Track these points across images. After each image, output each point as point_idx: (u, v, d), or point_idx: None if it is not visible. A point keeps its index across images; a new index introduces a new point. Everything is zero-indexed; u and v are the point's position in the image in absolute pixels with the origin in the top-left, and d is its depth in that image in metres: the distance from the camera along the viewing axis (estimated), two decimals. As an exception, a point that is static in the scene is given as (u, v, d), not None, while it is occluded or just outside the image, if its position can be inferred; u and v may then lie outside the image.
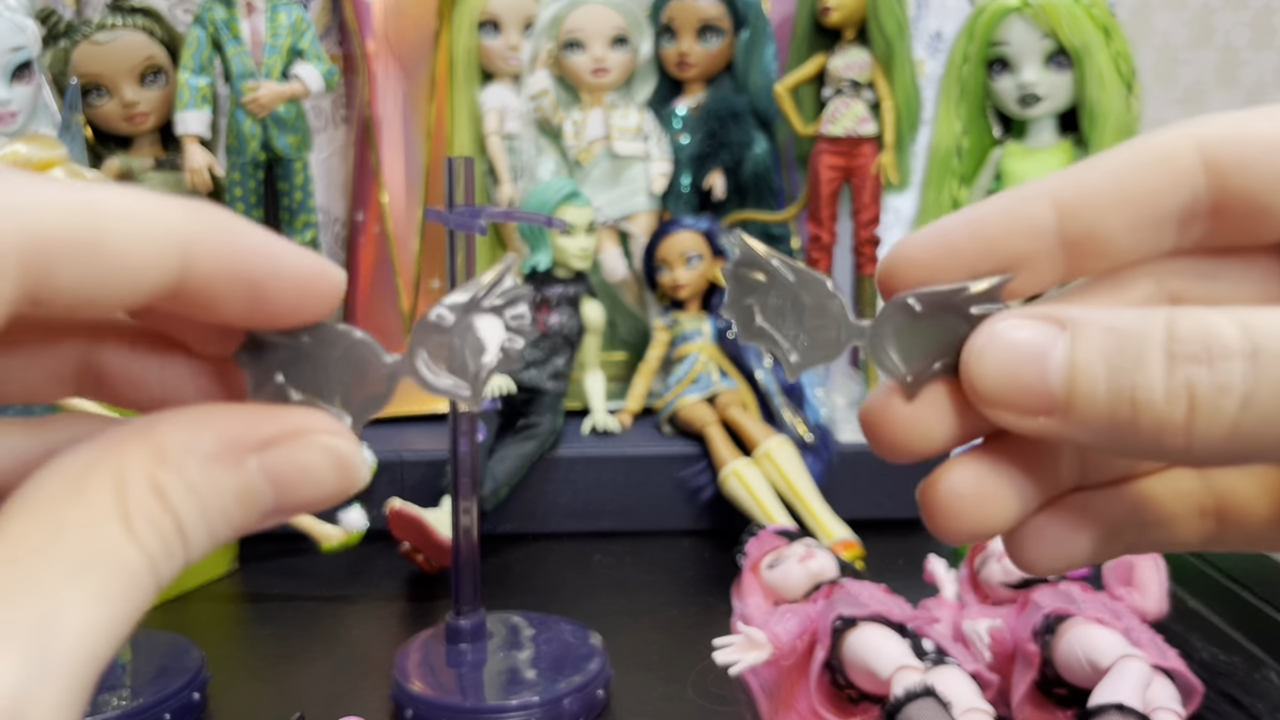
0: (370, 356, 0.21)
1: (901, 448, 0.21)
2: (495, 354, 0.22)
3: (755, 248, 0.22)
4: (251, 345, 0.21)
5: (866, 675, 0.52)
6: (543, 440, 0.85)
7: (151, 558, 0.17)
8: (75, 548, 0.17)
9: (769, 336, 0.22)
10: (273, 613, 0.75)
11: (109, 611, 0.17)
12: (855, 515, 0.81)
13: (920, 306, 0.21)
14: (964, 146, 0.93)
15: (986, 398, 0.20)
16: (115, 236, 0.17)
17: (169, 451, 0.18)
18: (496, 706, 0.57)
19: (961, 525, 0.21)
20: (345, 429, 0.20)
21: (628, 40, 0.98)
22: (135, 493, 0.17)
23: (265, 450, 0.19)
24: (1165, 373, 0.18)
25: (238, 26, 0.87)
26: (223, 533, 0.19)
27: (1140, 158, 0.21)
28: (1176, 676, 0.51)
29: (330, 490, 0.20)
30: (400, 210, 1.02)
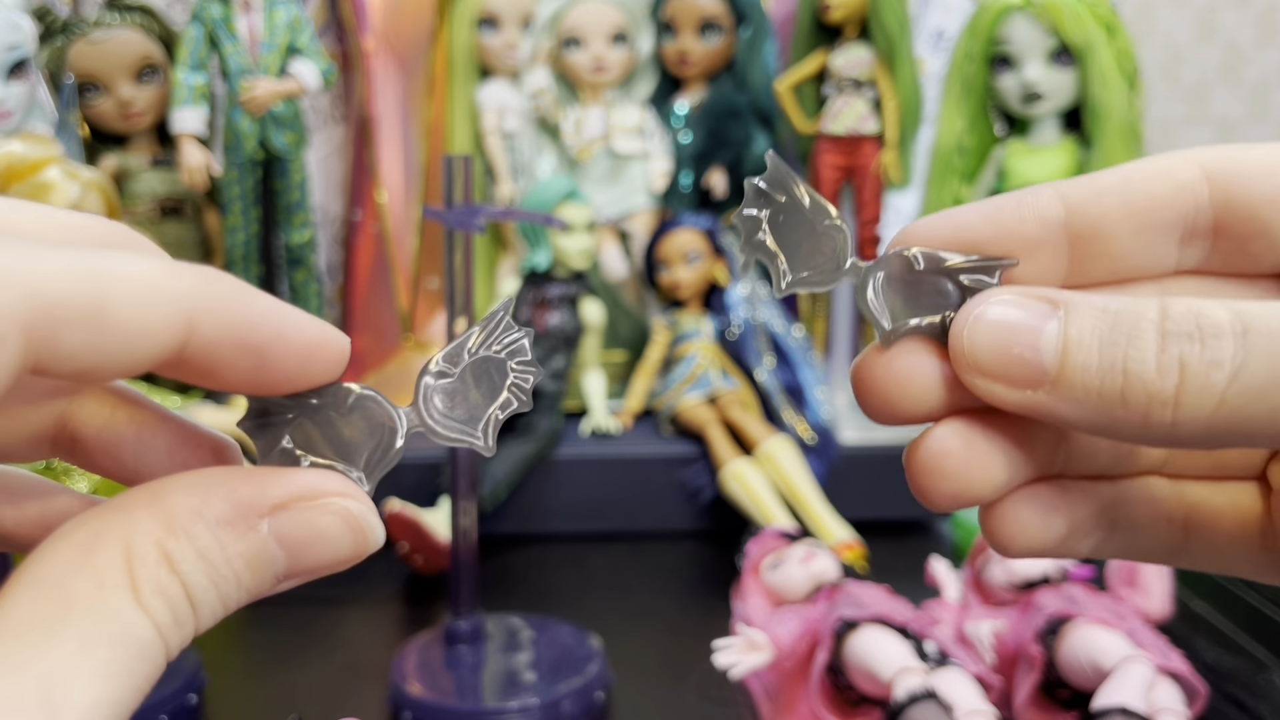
0: (376, 410, 0.21)
1: (887, 407, 0.22)
2: (505, 397, 0.21)
3: (784, 168, 0.22)
4: (255, 412, 0.20)
5: (868, 677, 0.52)
6: (542, 441, 0.85)
7: (161, 629, 0.17)
8: (83, 622, 0.16)
9: (767, 250, 0.22)
10: (270, 615, 0.75)
11: (117, 687, 0.16)
12: (857, 516, 0.81)
13: (921, 263, 0.22)
14: (966, 145, 0.92)
15: (976, 367, 0.20)
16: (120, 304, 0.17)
17: (178, 518, 0.18)
18: (495, 709, 0.57)
19: (946, 485, 0.21)
20: (358, 490, 0.20)
21: (627, 38, 0.98)
22: (144, 563, 0.17)
23: (277, 514, 0.19)
24: (1158, 348, 0.19)
25: (234, 24, 0.87)
26: (234, 599, 0.19)
27: (1147, 168, 0.22)
28: (1180, 679, 0.51)
29: (345, 554, 0.20)
30: (398, 209, 1.01)
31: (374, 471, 0.21)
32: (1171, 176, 0.21)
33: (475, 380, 0.21)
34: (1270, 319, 0.18)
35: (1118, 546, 0.23)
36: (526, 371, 0.22)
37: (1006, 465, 0.21)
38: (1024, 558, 0.23)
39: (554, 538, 0.86)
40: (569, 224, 0.89)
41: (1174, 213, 0.21)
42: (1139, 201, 0.21)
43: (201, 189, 0.90)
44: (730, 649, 0.55)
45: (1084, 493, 0.22)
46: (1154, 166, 0.22)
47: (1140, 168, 0.22)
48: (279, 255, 0.93)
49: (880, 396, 0.22)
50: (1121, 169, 0.22)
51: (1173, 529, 0.23)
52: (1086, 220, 0.21)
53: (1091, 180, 0.22)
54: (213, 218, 0.92)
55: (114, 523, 0.17)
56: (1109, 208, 0.21)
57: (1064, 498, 0.22)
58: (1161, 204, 0.21)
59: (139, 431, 0.21)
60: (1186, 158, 0.22)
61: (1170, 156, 0.22)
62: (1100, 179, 0.22)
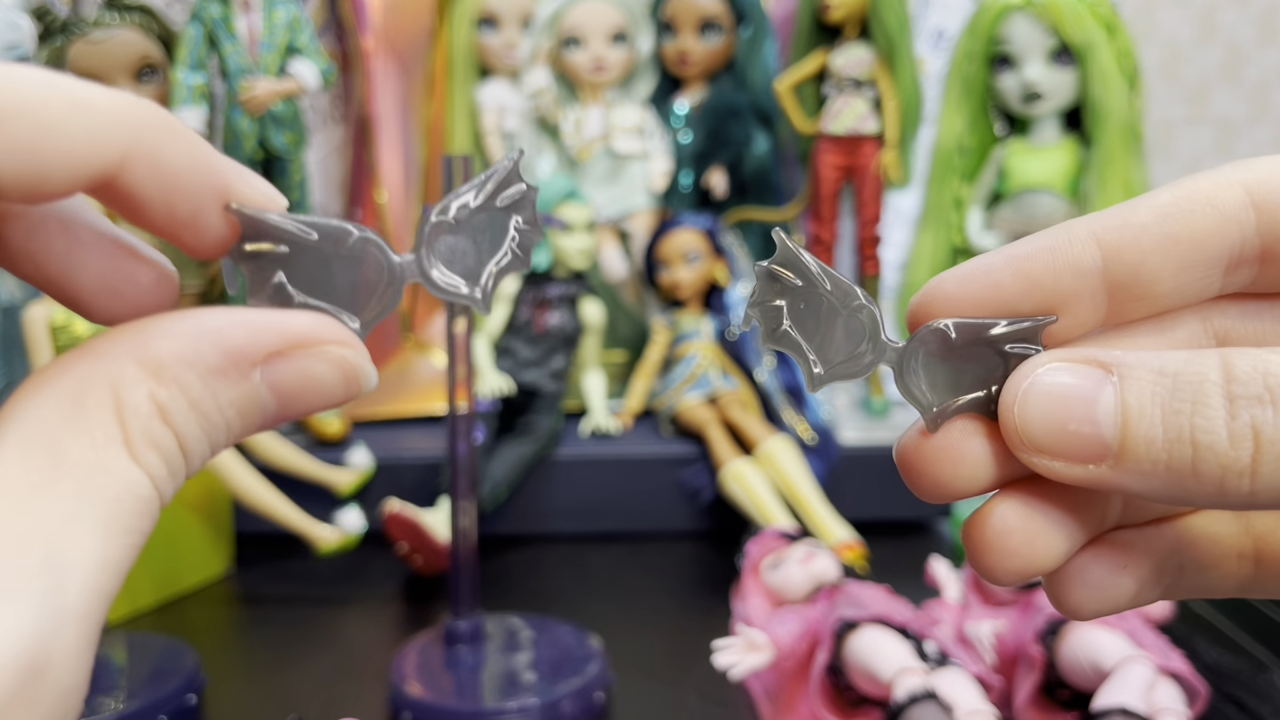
0: (376, 255, 0.20)
1: (939, 489, 0.21)
2: (505, 256, 0.21)
3: (794, 247, 0.21)
4: (248, 239, 0.19)
5: (868, 678, 0.52)
6: (542, 441, 0.85)
7: (156, 482, 0.17)
8: (79, 480, 0.16)
9: (794, 343, 0.21)
10: (269, 615, 0.75)
11: (117, 545, 0.16)
12: (857, 516, 0.81)
13: (956, 335, 0.20)
14: (967, 144, 0.92)
15: (1032, 445, 0.19)
16: (61, 108, 0.16)
17: (168, 366, 0.17)
18: (495, 709, 0.57)
19: (1013, 564, 0.20)
20: (353, 337, 0.19)
21: (627, 37, 0.97)
22: (136, 414, 0.17)
23: (271, 362, 0.18)
24: (1227, 414, 0.17)
25: (234, 24, 0.87)
26: (222, 445, 0.18)
27: (1189, 199, 0.20)
28: (1181, 679, 0.51)
29: (336, 399, 0.19)
30: (398, 208, 1.01)
31: (370, 319, 0.20)
32: (1215, 206, 0.20)
33: (477, 233, 0.20)
34: None
35: (1188, 588, 0.22)
36: (528, 231, 0.21)
37: (1069, 534, 0.20)
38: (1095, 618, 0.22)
39: (554, 538, 0.85)
40: (569, 224, 0.89)
41: (1220, 245, 0.20)
42: (1181, 238, 0.20)
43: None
44: (730, 649, 0.55)
45: (1147, 542, 0.21)
46: (1194, 196, 0.20)
47: (1179, 200, 0.20)
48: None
49: (932, 480, 0.21)
50: (1158, 200, 0.20)
51: (1243, 563, 0.22)
52: (1126, 266, 0.20)
53: (1127, 218, 0.20)
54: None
55: (100, 370, 0.17)
56: (1149, 250, 0.20)
57: (1128, 553, 0.21)
58: (1205, 238, 0.20)
59: (69, 245, 0.19)
60: (1229, 181, 0.20)
61: (1210, 180, 0.20)
62: (1136, 215, 0.20)
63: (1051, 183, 0.89)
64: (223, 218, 0.19)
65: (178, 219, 0.18)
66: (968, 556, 0.21)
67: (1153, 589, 0.22)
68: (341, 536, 0.77)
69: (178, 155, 0.18)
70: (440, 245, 0.20)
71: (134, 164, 0.17)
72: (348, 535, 0.78)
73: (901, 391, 0.21)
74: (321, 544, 0.77)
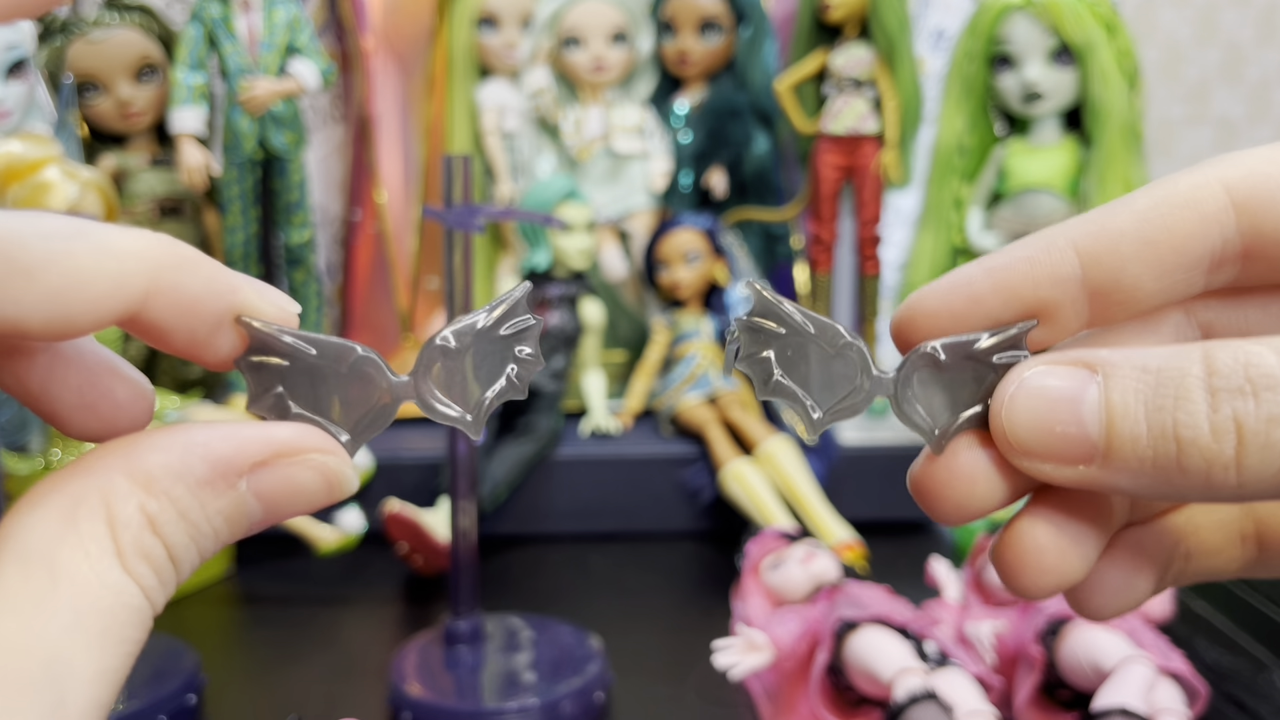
0: (375, 375, 0.21)
1: (958, 510, 0.21)
2: (502, 384, 0.21)
3: (770, 296, 0.21)
4: (254, 351, 0.20)
5: (868, 678, 0.52)
6: (541, 441, 0.85)
7: (148, 593, 0.17)
8: (74, 594, 0.16)
9: (789, 391, 0.21)
10: (269, 615, 0.75)
11: (114, 655, 0.17)
12: (857, 516, 0.81)
13: (944, 355, 0.21)
14: (967, 144, 0.92)
15: (1021, 449, 0.19)
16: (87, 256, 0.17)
17: (157, 479, 0.18)
18: (494, 710, 0.57)
19: (1048, 581, 0.20)
20: (336, 445, 0.20)
21: (627, 37, 0.97)
22: (127, 527, 0.17)
23: (256, 471, 0.19)
24: (1209, 408, 0.17)
25: (234, 23, 0.87)
26: (210, 552, 0.19)
27: (1167, 202, 0.20)
28: (1181, 679, 0.51)
29: (319, 504, 0.20)
30: (398, 209, 1.01)
31: (361, 435, 0.21)
32: (1193, 208, 0.20)
33: (478, 361, 0.21)
34: None
35: (1196, 573, 0.22)
36: (529, 362, 0.21)
37: (1094, 542, 0.20)
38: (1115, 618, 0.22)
39: (554, 538, 0.85)
40: (569, 224, 0.89)
41: (1201, 247, 0.20)
42: (1161, 243, 0.20)
43: (201, 189, 0.90)
44: (730, 649, 0.55)
45: (1156, 538, 0.22)
46: (1172, 199, 0.20)
47: (1158, 203, 0.20)
48: (278, 255, 0.93)
49: (949, 503, 0.21)
50: (1136, 205, 0.20)
51: (1246, 545, 0.22)
52: (1105, 273, 0.20)
53: (1105, 224, 0.20)
54: (212, 218, 0.92)
55: (92, 486, 0.17)
56: (1128, 257, 0.20)
57: (1142, 554, 0.21)
58: (1186, 241, 0.20)
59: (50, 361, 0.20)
60: (1208, 181, 0.20)
61: (1190, 180, 0.20)
62: (1114, 220, 0.20)
63: (1051, 183, 0.89)
64: (235, 331, 0.20)
65: (197, 340, 0.19)
66: (1001, 577, 0.21)
67: (1164, 580, 0.22)
68: (341, 536, 0.77)
69: (195, 285, 0.19)
70: (438, 369, 0.21)
71: (156, 299, 0.18)
72: (348, 535, 0.77)
73: (902, 420, 0.21)
74: (321, 544, 0.77)
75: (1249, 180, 0.20)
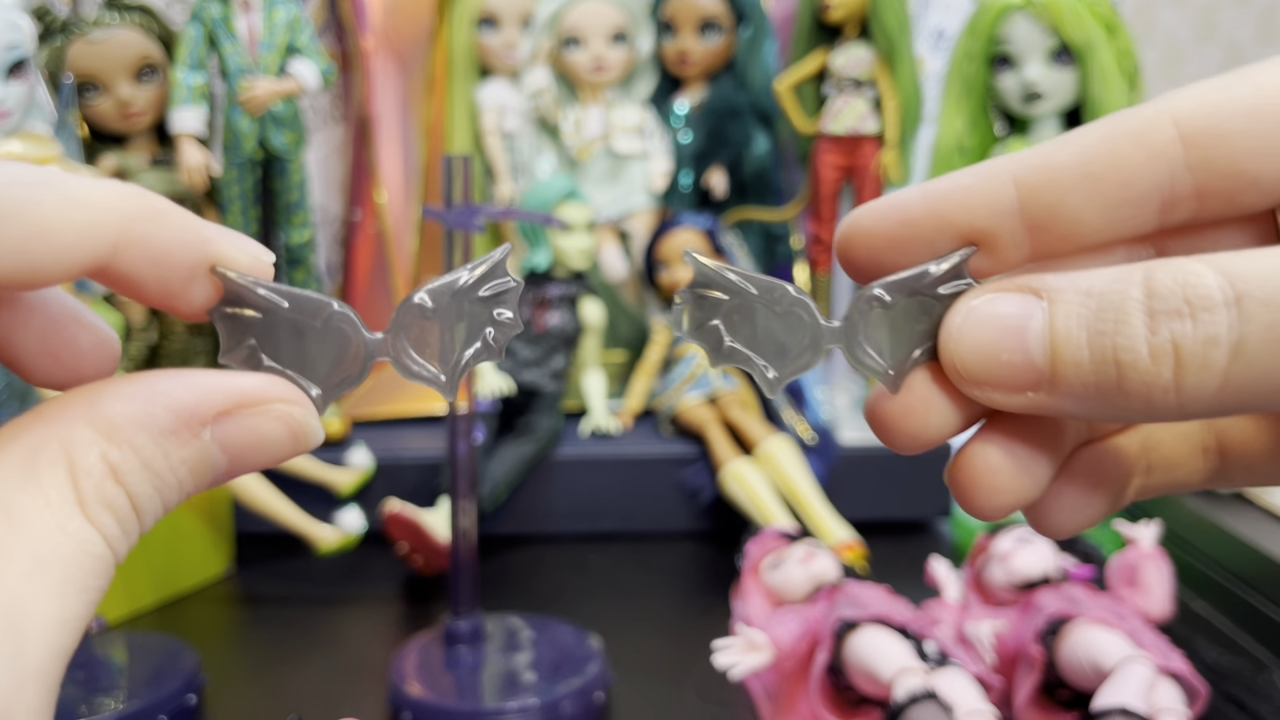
0: (349, 331, 0.20)
1: (912, 440, 0.21)
2: (478, 346, 0.21)
3: (709, 265, 0.21)
4: (228, 303, 0.20)
5: (868, 678, 0.52)
6: (541, 441, 0.85)
7: (110, 541, 0.17)
8: (35, 541, 0.16)
9: (742, 355, 0.21)
10: (269, 615, 0.75)
11: (74, 603, 0.16)
12: (857, 516, 0.81)
13: (889, 296, 0.21)
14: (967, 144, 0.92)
15: (970, 378, 0.19)
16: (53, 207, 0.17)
17: (120, 427, 0.18)
18: (494, 709, 0.57)
19: (1001, 500, 0.20)
20: (301, 396, 0.20)
21: (627, 37, 0.97)
22: (89, 475, 0.17)
23: (220, 421, 0.19)
24: (1148, 330, 0.17)
25: (234, 23, 0.87)
26: (174, 502, 0.18)
27: (1112, 136, 0.19)
28: (1181, 679, 0.51)
29: (284, 455, 0.20)
30: (398, 209, 1.01)
31: (332, 391, 0.20)
32: (1141, 141, 0.19)
33: (454, 322, 0.21)
34: (1265, 281, 0.17)
35: (1158, 487, 0.22)
36: (508, 325, 0.21)
37: (1048, 460, 0.20)
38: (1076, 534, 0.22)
39: (553, 538, 0.85)
40: (569, 224, 0.89)
41: (1147, 182, 0.19)
42: (1104, 177, 0.19)
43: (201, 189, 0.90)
44: (730, 649, 0.55)
45: (1115, 454, 0.22)
46: (1119, 132, 0.19)
47: (1104, 137, 0.19)
48: (278, 255, 0.93)
49: (903, 433, 0.21)
50: (1084, 138, 0.20)
51: (1208, 457, 0.22)
52: (1043, 206, 0.20)
53: (1048, 156, 0.20)
54: (212, 218, 0.92)
55: (53, 434, 0.17)
56: (1067, 190, 0.19)
57: (1099, 472, 0.21)
58: (1131, 175, 0.19)
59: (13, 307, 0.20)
60: (1157, 114, 0.19)
61: (1139, 113, 0.19)
62: (1058, 154, 0.20)
63: (1051, 183, 0.89)
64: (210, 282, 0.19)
65: (170, 291, 0.19)
66: (956, 498, 0.21)
67: (1125, 495, 0.22)
68: (341, 536, 0.77)
69: (166, 236, 0.19)
70: (414, 328, 0.21)
71: (125, 250, 0.18)
72: (348, 535, 0.77)
73: (855, 366, 0.21)
74: (321, 544, 0.77)
75: (1198, 112, 0.19)
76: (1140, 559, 0.61)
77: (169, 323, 0.85)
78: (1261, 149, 0.19)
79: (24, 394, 0.71)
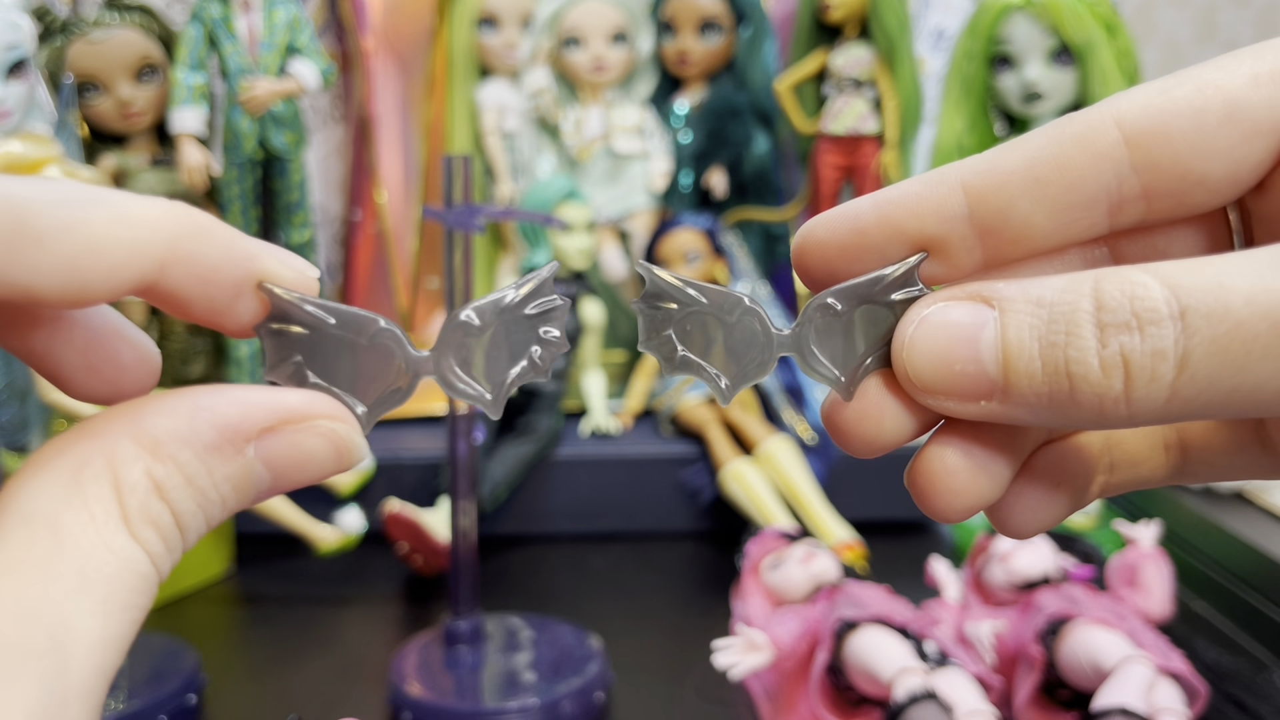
0: (394, 348, 0.20)
1: (868, 445, 0.21)
2: (524, 364, 0.21)
3: (661, 276, 0.21)
4: (275, 319, 0.20)
5: (868, 678, 0.52)
6: (542, 441, 0.85)
7: (154, 558, 0.17)
8: (80, 558, 0.16)
9: (695, 365, 0.21)
10: (269, 615, 0.75)
11: (118, 621, 0.16)
12: (857, 516, 0.81)
13: (840, 304, 0.21)
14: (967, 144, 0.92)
15: (923, 388, 0.20)
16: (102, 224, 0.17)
17: (164, 443, 0.17)
18: (495, 709, 0.57)
19: (960, 502, 0.20)
20: (346, 412, 0.20)
21: (627, 37, 0.97)
22: (134, 491, 0.17)
23: (264, 437, 0.19)
24: (1098, 344, 0.18)
25: (234, 23, 0.87)
26: (218, 519, 0.18)
27: (1058, 140, 0.20)
28: (1181, 679, 0.51)
29: (328, 471, 0.20)
30: (398, 209, 1.01)
31: (377, 408, 0.20)
32: (1085, 145, 0.19)
33: (500, 339, 0.21)
34: (1207, 294, 0.17)
35: (1122, 484, 0.22)
36: (554, 344, 0.21)
37: (1007, 461, 0.21)
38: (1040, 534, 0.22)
39: (554, 538, 0.85)
40: (569, 224, 0.89)
41: (1094, 185, 0.20)
42: (1051, 181, 0.20)
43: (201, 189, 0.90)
44: (730, 649, 0.55)
45: (1077, 453, 0.22)
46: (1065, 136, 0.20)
47: (1050, 141, 0.20)
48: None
49: (859, 438, 0.21)
50: (1031, 143, 0.20)
51: (1170, 453, 0.22)
52: (992, 211, 0.20)
53: (996, 161, 0.20)
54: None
55: (97, 449, 0.17)
56: (1015, 195, 0.20)
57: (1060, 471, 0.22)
58: (1078, 179, 0.20)
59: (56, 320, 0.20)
60: (1101, 117, 0.20)
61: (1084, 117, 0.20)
62: (1006, 159, 0.20)
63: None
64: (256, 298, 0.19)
65: (217, 308, 0.19)
66: (916, 501, 0.21)
67: (1089, 493, 0.22)
68: (341, 536, 0.77)
69: (213, 253, 0.19)
70: (460, 346, 0.21)
71: (173, 268, 0.18)
72: (348, 535, 0.77)
73: (808, 374, 0.21)
74: (321, 544, 0.77)
75: (1141, 114, 0.19)
76: (1140, 559, 0.61)
77: (169, 323, 0.85)
78: (1204, 149, 0.19)
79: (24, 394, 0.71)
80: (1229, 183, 0.20)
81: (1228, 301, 0.17)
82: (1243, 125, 0.19)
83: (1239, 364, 0.17)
